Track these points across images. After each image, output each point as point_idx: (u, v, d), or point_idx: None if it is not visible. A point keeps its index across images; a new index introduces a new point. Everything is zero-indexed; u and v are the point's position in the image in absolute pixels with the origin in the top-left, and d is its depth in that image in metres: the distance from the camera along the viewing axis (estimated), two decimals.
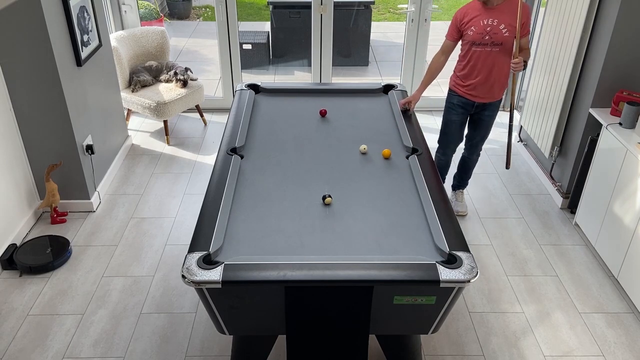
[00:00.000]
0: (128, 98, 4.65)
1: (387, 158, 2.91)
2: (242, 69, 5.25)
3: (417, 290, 2.10)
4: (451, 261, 2.13)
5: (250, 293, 2.13)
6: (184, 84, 4.70)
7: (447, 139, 3.69)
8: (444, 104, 3.66)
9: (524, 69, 3.35)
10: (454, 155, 3.82)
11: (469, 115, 3.60)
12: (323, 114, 3.35)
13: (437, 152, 3.82)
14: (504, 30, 3.19)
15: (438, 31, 8.09)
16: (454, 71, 3.51)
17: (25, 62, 3.31)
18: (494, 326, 2.99)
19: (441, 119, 3.71)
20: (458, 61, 3.47)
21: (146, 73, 4.78)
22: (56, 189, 3.64)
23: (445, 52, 3.43)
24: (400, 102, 3.39)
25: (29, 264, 3.30)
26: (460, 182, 3.97)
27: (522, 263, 3.45)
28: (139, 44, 4.87)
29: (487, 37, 3.22)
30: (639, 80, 3.53)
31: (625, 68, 3.49)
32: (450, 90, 3.57)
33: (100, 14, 4.04)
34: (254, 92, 3.63)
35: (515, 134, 4.88)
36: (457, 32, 3.34)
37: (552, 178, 4.16)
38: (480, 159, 4.64)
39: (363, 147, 2.96)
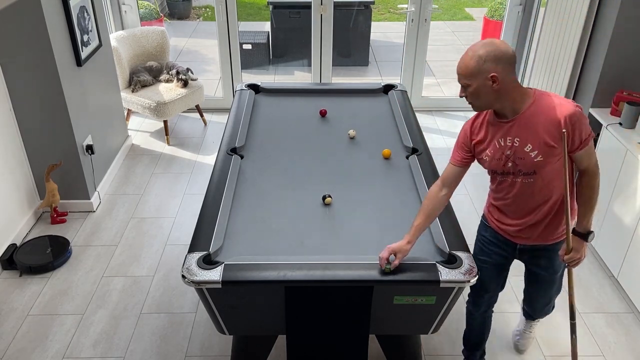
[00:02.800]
0: (128, 98, 4.65)
1: (387, 158, 2.91)
2: (242, 69, 5.25)
3: (417, 290, 2.10)
4: (451, 261, 2.13)
5: (250, 293, 2.13)
6: (185, 84, 4.70)
7: (478, 285, 2.45)
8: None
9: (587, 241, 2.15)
10: (492, 308, 2.64)
11: (517, 260, 2.42)
12: (323, 114, 3.35)
13: (467, 301, 2.63)
14: (532, 154, 2.02)
15: (438, 31, 8.11)
16: (489, 187, 2.33)
17: (25, 62, 3.31)
18: (494, 326, 2.99)
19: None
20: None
21: (146, 73, 4.78)
22: (56, 189, 3.64)
23: (446, 182, 2.20)
24: (381, 256, 2.09)
25: (29, 264, 3.30)
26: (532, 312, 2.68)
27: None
28: (139, 44, 4.87)
29: (509, 165, 2.08)
30: (639, 80, 3.53)
31: (625, 68, 3.49)
32: (483, 216, 2.44)
33: (100, 14, 4.04)
34: (254, 92, 3.63)
35: None
36: (465, 152, 2.18)
37: None
38: None
39: (352, 131, 3.02)
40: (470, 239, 3.64)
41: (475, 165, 3.36)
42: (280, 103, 3.54)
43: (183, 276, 2.05)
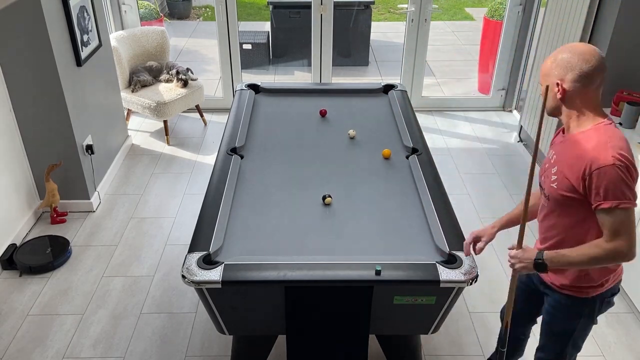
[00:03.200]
0: (128, 98, 4.65)
1: (387, 158, 2.91)
2: (242, 69, 5.25)
3: (417, 290, 2.10)
4: (451, 261, 2.13)
5: (250, 293, 2.13)
6: (185, 83, 4.71)
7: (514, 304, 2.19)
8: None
9: (539, 269, 1.91)
10: (526, 332, 2.48)
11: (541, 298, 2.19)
12: (323, 114, 3.35)
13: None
14: (552, 177, 1.90)
15: (438, 31, 8.10)
16: None
17: (25, 62, 3.31)
18: (494, 326, 2.99)
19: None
20: None
21: (146, 73, 4.78)
22: (56, 189, 3.64)
23: None
24: (466, 244, 2.17)
25: (29, 264, 3.30)
26: None
27: None
28: (139, 44, 4.87)
29: (542, 179, 1.99)
30: (639, 80, 3.53)
31: (625, 68, 3.49)
32: None
33: (100, 14, 4.04)
34: (254, 92, 3.63)
35: (515, 134, 4.88)
36: None
37: None
38: (480, 158, 4.63)
39: (352, 131, 3.02)
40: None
41: (473, 164, 3.35)
42: (280, 103, 3.54)
43: (183, 276, 2.05)
